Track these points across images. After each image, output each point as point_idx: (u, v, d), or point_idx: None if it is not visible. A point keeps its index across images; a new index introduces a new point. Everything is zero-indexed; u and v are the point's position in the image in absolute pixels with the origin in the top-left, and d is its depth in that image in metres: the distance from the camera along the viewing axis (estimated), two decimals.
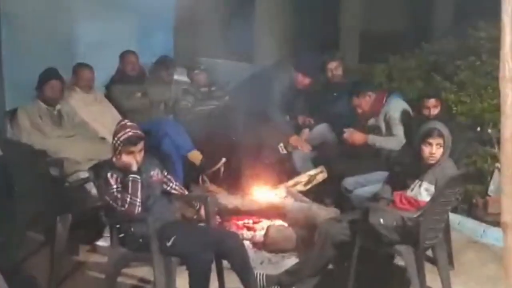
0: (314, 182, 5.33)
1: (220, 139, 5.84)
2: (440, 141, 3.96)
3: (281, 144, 5.81)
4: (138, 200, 3.65)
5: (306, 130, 5.89)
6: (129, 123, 3.80)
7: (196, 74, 6.48)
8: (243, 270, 3.75)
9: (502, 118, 2.27)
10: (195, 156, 5.59)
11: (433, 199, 3.86)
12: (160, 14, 7.27)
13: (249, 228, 4.98)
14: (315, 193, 5.45)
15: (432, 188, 3.98)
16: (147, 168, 3.88)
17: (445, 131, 4.00)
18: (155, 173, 3.92)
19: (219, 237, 3.80)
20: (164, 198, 3.97)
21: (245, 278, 3.76)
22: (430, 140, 3.97)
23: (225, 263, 3.89)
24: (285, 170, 5.76)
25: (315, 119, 5.96)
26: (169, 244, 3.61)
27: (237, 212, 5.03)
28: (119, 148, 3.71)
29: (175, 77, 7.26)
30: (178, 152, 5.60)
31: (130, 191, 3.63)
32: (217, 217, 4.31)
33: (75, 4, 6.59)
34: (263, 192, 5.27)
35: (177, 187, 4.09)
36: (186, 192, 4.24)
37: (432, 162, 4.00)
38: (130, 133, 3.70)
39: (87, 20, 6.72)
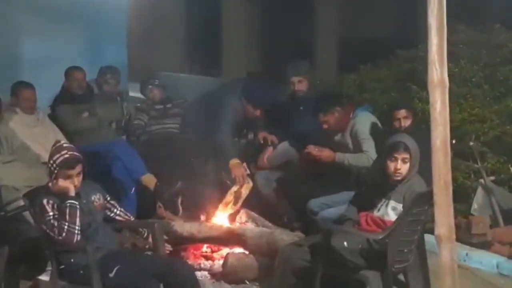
0: (244, 196, 5.44)
1: (177, 161, 5.97)
2: (406, 155, 4.10)
3: (244, 164, 5.94)
4: (77, 227, 3.74)
5: (270, 149, 6.02)
6: (65, 145, 3.92)
7: (150, 89, 6.62)
8: None
9: (432, 126, 2.42)
10: (149, 180, 5.71)
11: (400, 218, 3.99)
12: (111, 25, 7.38)
13: (207, 257, 5.09)
14: (280, 217, 5.59)
15: (399, 206, 4.12)
16: (87, 193, 3.99)
17: (411, 144, 4.13)
18: (96, 198, 4.03)
19: (168, 266, 3.90)
20: (107, 226, 4.07)
21: None
22: (396, 155, 4.11)
23: None
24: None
25: (278, 136, 6.08)
26: (111, 275, 3.71)
27: (194, 240, 5.13)
28: (55, 172, 3.82)
29: (130, 94, 7.43)
30: (130, 176, 5.73)
31: (67, 218, 3.73)
32: (168, 245, 4.40)
33: (16, 16, 6.69)
34: (222, 218, 5.39)
35: (121, 213, 4.20)
36: (132, 219, 4.35)
37: (398, 178, 4.14)
38: (66, 155, 3.81)
39: (29, 34, 6.82)
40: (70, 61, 6.33)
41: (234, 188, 5.56)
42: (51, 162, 3.83)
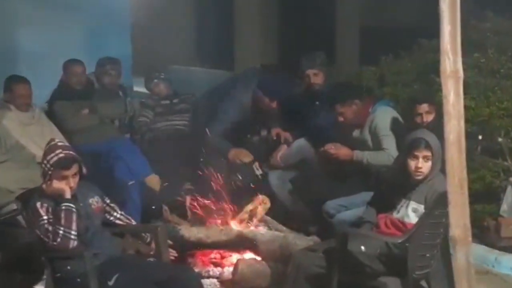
0: (259, 216, 5.38)
1: (184, 160, 5.95)
2: (428, 153, 4.05)
3: (256, 163, 5.90)
4: (73, 232, 3.72)
5: (284, 146, 5.97)
6: (60, 143, 3.90)
7: (155, 84, 6.59)
8: None
9: (445, 119, 2.37)
10: (154, 181, 5.70)
11: (421, 220, 3.95)
12: (114, 16, 7.36)
13: (216, 264, 5.06)
14: (294, 220, 5.55)
15: (421, 208, 4.08)
16: (84, 195, 3.97)
17: (433, 141, 4.07)
18: (94, 201, 4.01)
19: (171, 273, 3.88)
20: (106, 230, 4.05)
21: None
22: (416, 153, 4.07)
23: None
24: (262, 193, 5.84)
25: (293, 133, 6.04)
26: (111, 283, 3.69)
27: (202, 246, 5.11)
28: (49, 172, 3.80)
29: (135, 89, 7.42)
30: (134, 177, 5.71)
31: (62, 222, 3.71)
32: (173, 251, 4.36)
33: (11, 5, 6.68)
34: (232, 222, 5.35)
35: (122, 217, 4.18)
36: (134, 223, 4.32)
37: (419, 177, 4.10)
38: (61, 155, 3.79)
39: (25, 25, 6.81)
40: (69, 54, 6.30)
41: (250, 207, 5.51)
42: (45, 162, 3.81)
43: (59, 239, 3.69)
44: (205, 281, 4.73)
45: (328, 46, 10.09)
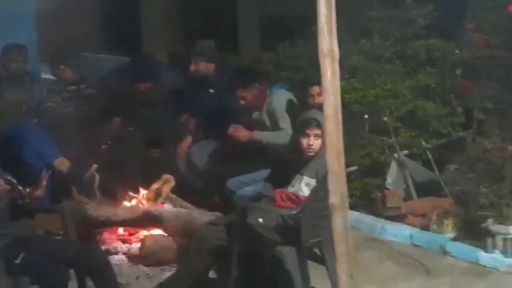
0: (164, 194, 5.40)
1: (92, 143, 5.86)
2: (318, 131, 4.13)
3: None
4: None
5: (189, 139, 6.00)
6: None
7: (62, 70, 6.44)
8: (108, 287, 3.79)
9: (324, 95, 2.44)
10: (62, 163, 5.55)
11: (313, 193, 4.04)
12: (19, 1, 7.09)
13: (124, 241, 5.02)
14: (198, 197, 5.58)
15: (313, 182, 4.16)
16: None
17: (324, 120, 4.16)
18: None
19: (79, 250, 3.82)
20: (12, 212, 3.93)
21: None
22: (308, 131, 4.16)
23: None
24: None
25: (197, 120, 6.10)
26: (17, 261, 3.59)
27: (111, 224, 5.04)
28: None
29: (43, 75, 7.20)
30: (43, 160, 5.56)
31: None
32: (82, 230, 4.30)
33: None
34: (139, 200, 5.32)
35: (29, 198, 4.06)
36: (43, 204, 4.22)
37: (311, 154, 4.18)
38: None
39: None
40: None
41: (156, 186, 5.48)
42: None
43: None
44: (114, 257, 4.71)
45: (231, 34, 10.12)
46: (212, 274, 4.31)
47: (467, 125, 6.13)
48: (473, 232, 5.11)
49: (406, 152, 6.02)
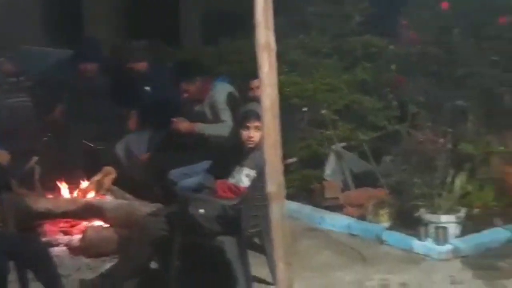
0: (106, 186, 5.38)
1: (32, 136, 5.76)
2: (259, 124, 4.15)
3: None
4: None
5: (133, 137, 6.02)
6: None
7: (1, 62, 6.30)
8: (49, 279, 3.72)
9: (261, 88, 2.48)
10: (2, 156, 5.45)
11: (253, 184, 4.08)
12: None
13: (65, 232, 4.98)
14: (140, 189, 5.55)
15: (253, 173, 4.20)
16: None
17: None
18: None
19: (19, 242, 3.76)
20: None
21: None
22: (248, 124, 4.20)
23: None
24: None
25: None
26: None
27: (51, 216, 4.99)
28: None
29: None
30: None
31: None
32: (22, 222, 4.24)
33: None
34: (80, 192, 5.27)
35: None
36: None
37: (251, 146, 4.23)
38: None
39: None
40: None
41: (97, 177, 5.43)
42: None
43: None
44: (54, 249, 4.66)
45: (173, 29, 10.07)
46: (153, 265, 4.31)
47: (402, 118, 6.28)
48: (407, 221, 5.23)
49: (343, 144, 6.13)
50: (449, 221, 4.97)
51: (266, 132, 2.37)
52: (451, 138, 5.59)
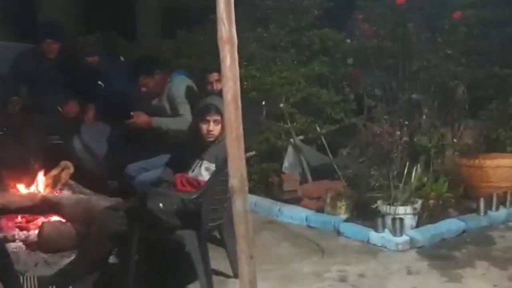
0: (63, 181, 5.28)
1: None
2: (218, 117, 4.14)
3: None
4: None
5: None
6: None
7: None
8: (5, 275, 3.63)
9: (223, 81, 2.45)
10: None
11: (213, 177, 4.04)
12: None
13: (22, 228, 4.84)
14: (99, 183, 5.46)
15: (212, 166, 4.16)
16: None
17: (223, 106, 4.17)
18: None
19: None
20: None
21: (7, 285, 3.65)
22: (208, 117, 4.16)
23: None
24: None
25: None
26: None
27: (7, 211, 4.85)
28: None
29: None
30: None
31: None
32: None
33: None
34: (36, 187, 5.14)
35: None
36: None
37: (211, 139, 4.19)
38: None
39: None
40: None
41: (54, 172, 5.30)
42: None
43: None
44: (11, 245, 4.54)
45: (130, 22, 9.94)
46: (112, 259, 4.24)
47: (359, 111, 6.32)
48: (364, 213, 5.26)
49: (301, 137, 6.14)
50: (405, 212, 5.01)
51: (228, 126, 2.34)
52: (407, 131, 5.65)
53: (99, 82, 5.96)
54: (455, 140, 5.86)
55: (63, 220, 4.80)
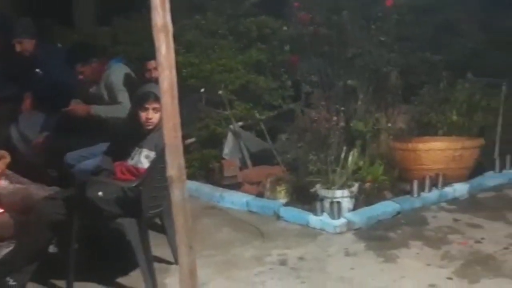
0: (0, 171, 5.14)
1: None
2: (157, 105, 4.06)
3: None
4: None
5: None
6: None
7: None
8: None
9: (159, 69, 2.41)
10: None
11: (152, 165, 3.99)
12: None
13: None
14: (37, 173, 5.33)
15: (152, 154, 4.11)
16: None
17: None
18: None
19: None
20: None
21: None
22: (146, 105, 4.10)
23: None
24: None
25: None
26: None
27: None
28: None
29: None
30: None
31: None
32: None
33: None
34: None
35: None
36: None
37: (150, 127, 4.13)
38: None
39: None
40: None
41: None
42: None
43: None
44: None
45: (66, 9, 9.69)
46: (52, 249, 4.15)
47: (296, 97, 6.35)
48: (303, 197, 5.31)
49: (241, 123, 6.13)
50: (343, 196, 5.09)
51: (165, 115, 2.30)
52: (343, 116, 5.72)
53: (37, 70, 5.77)
54: (389, 125, 5.96)
55: (1, 210, 4.66)
